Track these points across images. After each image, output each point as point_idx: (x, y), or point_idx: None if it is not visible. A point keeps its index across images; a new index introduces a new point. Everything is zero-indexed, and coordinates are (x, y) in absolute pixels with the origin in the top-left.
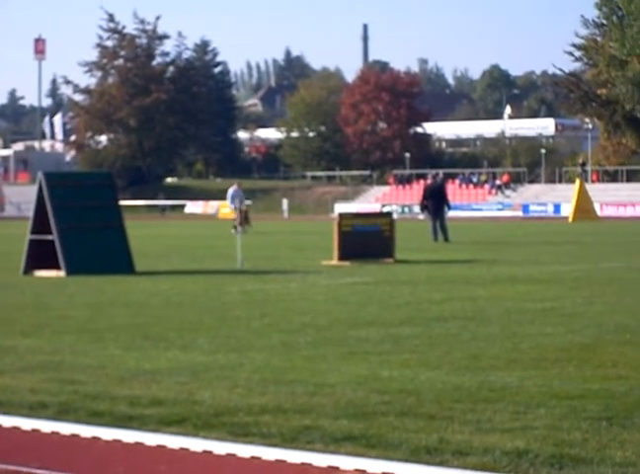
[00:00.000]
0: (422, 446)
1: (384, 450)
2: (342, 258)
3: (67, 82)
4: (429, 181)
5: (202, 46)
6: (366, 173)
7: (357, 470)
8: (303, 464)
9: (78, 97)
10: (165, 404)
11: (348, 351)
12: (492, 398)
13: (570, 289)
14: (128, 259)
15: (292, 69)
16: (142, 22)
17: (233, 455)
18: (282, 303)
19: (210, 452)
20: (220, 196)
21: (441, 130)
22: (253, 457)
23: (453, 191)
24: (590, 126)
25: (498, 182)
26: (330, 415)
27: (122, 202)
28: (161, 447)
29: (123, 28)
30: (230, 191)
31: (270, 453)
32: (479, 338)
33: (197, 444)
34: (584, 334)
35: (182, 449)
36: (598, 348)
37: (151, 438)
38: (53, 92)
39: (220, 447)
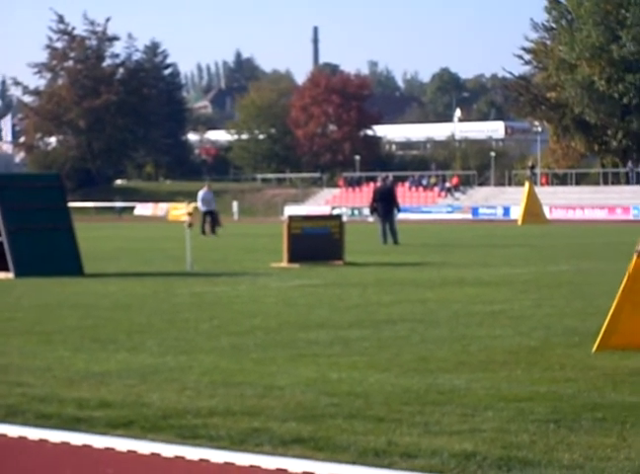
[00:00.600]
0: (370, 449)
1: (332, 453)
2: (291, 260)
3: (16, 83)
4: (378, 183)
5: (153, 48)
6: (316, 175)
7: (305, 472)
8: (252, 467)
9: (27, 98)
10: (113, 406)
11: (297, 353)
12: (440, 400)
13: (519, 292)
14: (77, 261)
15: (243, 71)
16: (92, 23)
17: (181, 458)
18: (232, 305)
19: (158, 455)
20: (170, 198)
21: (392, 133)
22: (201, 460)
23: (403, 193)
24: (539, 129)
25: (447, 184)
26: (279, 417)
27: (72, 204)
28: (109, 450)
29: (73, 29)
30: (200, 193)
31: (218, 456)
32: (428, 340)
33: (144, 447)
34: (532, 336)
35: (130, 452)
36: (546, 350)
37: (99, 441)
38: (2, 93)
39: (168, 450)
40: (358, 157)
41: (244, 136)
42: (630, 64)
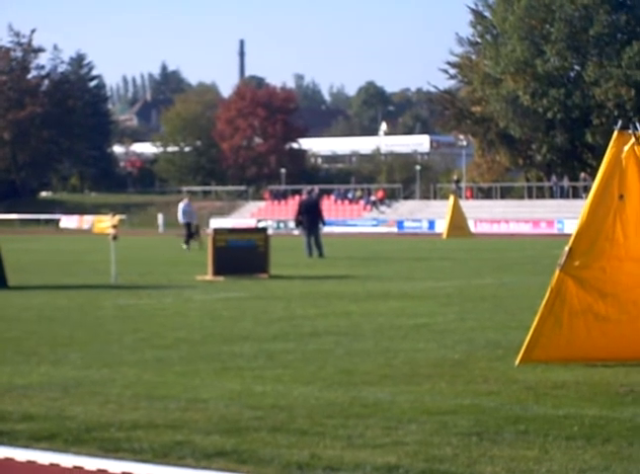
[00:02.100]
0: (293, 462)
1: (256, 466)
2: (216, 273)
3: None
4: (304, 196)
5: (78, 60)
6: (242, 188)
7: None
8: None
9: None
10: (36, 419)
11: (221, 366)
12: (364, 414)
13: (443, 305)
14: (1, 273)
15: (168, 84)
16: (17, 35)
17: (104, 471)
18: (156, 318)
19: (81, 468)
20: (95, 210)
21: (317, 146)
22: (124, 473)
23: (329, 206)
24: (464, 143)
25: (373, 198)
26: (202, 430)
27: None
28: (31, 463)
29: None
30: (181, 205)
31: (141, 469)
32: (352, 353)
33: (67, 460)
34: (456, 350)
35: (52, 465)
36: (469, 363)
37: (21, 454)
38: None
39: (91, 463)
40: (283, 170)
41: (170, 149)
42: (554, 79)
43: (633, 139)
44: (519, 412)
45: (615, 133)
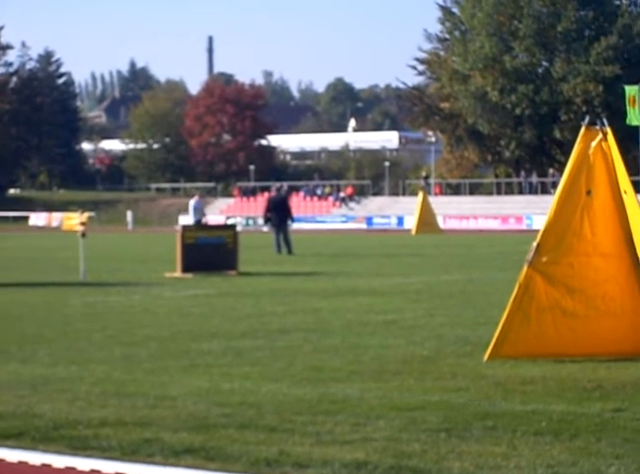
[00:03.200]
0: (262, 459)
1: (224, 463)
2: (185, 270)
3: None
4: (272, 193)
5: (46, 57)
6: (211, 185)
7: None
8: None
9: None
10: (4, 417)
11: (189, 363)
12: (332, 410)
13: (411, 302)
14: None
15: (137, 81)
16: None
17: (72, 469)
18: (125, 316)
19: (49, 466)
20: (64, 207)
21: (286, 143)
22: (92, 471)
23: (298, 203)
24: (433, 140)
25: (342, 194)
26: (170, 427)
27: None
28: None
29: None
30: (192, 202)
31: (109, 466)
32: (321, 350)
33: (35, 458)
34: (424, 346)
35: (20, 463)
36: (438, 360)
37: None
38: None
39: (59, 461)
40: (252, 167)
41: (138, 146)
42: (523, 75)
43: (601, 135)
44: (487, 408)
45: (583, 129)
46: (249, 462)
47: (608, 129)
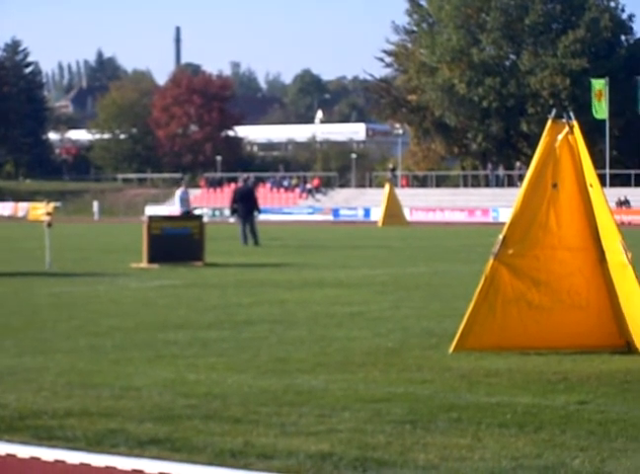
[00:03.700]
0: (226, 450)
1: (189, 454)
2: (151, 260)
3: None
4: (239, 184)
5: (13, 46)
6: (178, 176)
7: (161, 473)
8: (107, 468)
9: None
10: None
11: (155, 354)
12: (297, 401)
13: (377, 294)
14: None
15: (104, 71)
16: None
17: (37, 459)
18: (91, 306)
19: (14, 456)
20: (30, 197)
21: (253, 134)
22: (57, 461)
23: (264, 194)
24: (400, 132)
25: (308, 186)
26: (135, 418)
27: None
28: None
29: None
30: (178, 192)
31: (74, 457)
32: (286, 341)
33: (0, 448)
34: (390, 338)
35: None
36: (403, 351)
37: None
38: None
39: (24, 451)
40: (219, 158)
41: (105, 136)
42: (490, 68)
43: (567, 128)
44: (452, 400)
45: (549, 122)
46: (214, 453)
47: (575, 122)
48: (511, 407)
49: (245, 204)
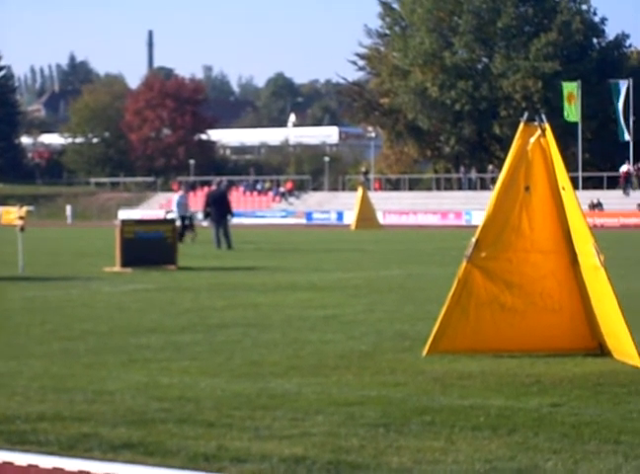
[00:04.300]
0: (200, 453)
1: (163, 457)
2: (124, 264)
3: None
4: (213, 187)
5: None
6: (150, 179)
7: None
8: (81, 472)
9: None
10: None
11: (128, 358)
12: (271, 405)
13: (351, 297)
14: None
15: (77, 74)
16: None
17: (10, 463)
18: (64, 310)
19: None
20: (2, 201)
21: (226, 137)
22: (30, 465)
23: (237, 198)
24: (373, 135)
25: (282, 189)
26: (109, 422)
27: None
28: None
29: None
30: (176, 197)
31: (47, 461)
32: (260, 345)
33: None
34: (363, 341)
35: None
36: (377, 355)
37: None
38: None
39: None
40: (192, 161)
41: (78, 140)
42: (462, 71)
43: (539, 131)
44: (425, 403)
45: (521, 125)
46: (187, 457)
47: (547, 125)
48: (484, 410)
49: (218, 208)
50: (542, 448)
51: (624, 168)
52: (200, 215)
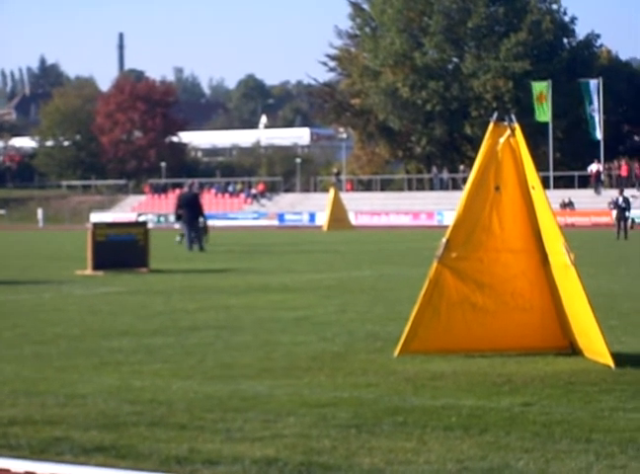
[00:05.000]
0: (172, 456)
1: (134, 461)
2: (96, 268)
3: None
4: (185, 189)
5: None
6: (122, 182)
7: None
8: None
9: None
10: None
11: (100, 361)
12: (243, 407)
13: (323, 298)
14: None
15: (47, 77)
16: None
17: None
18: (35, 314)
19: None
20: None
21: (197, 140)
22: (1, 469)
23: (209, 200)
24: (344, 136)
25: (253, 191)
26: (81, 426)
27: None
28: None
29: None
30: None
31: (19, 465)
32: (232, 347)
33: None
34: (335, 342)
35: None
36: (349, 356)
37: None
38: None
39: None
40: (163, 164)
41: (49, 143)
42: (433, 71)
43: (509, 131)
44: (397, 403)
45: (491, 125)
46: (159, 460)
47: (516, 125)
48: (456, 410)
49: (190, 210)
50: (514, 448)
51: (593, 167)
52: (171, 218)
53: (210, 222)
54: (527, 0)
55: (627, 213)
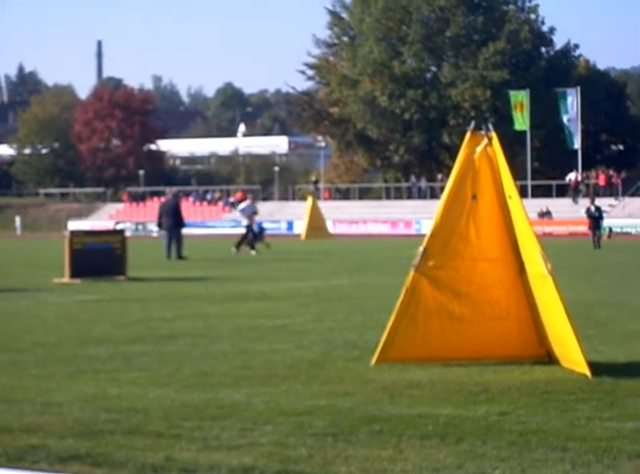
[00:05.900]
0: (148, 464)
1: (111, 469)
2: (73, 275)
3: None
4: (168, 197)
5: None
6: (100, 190)
7: None
8: None
9: None
10: None
11: (76, 369)
12: (220, 415)
13: (301, 306)
14: None
15: (26, 85)
16: None
17: None
18: (12, 322)
19: None
20: None
21: (176, 148)
22: None
23: (187, 208)
24: (322, 144)
25: (231, 199)
26: (57, 434)
27: None
28: None
29: None
30: (242, 205)
31: None
32: (209, 355)
33: None
34: (313, 350)
35: None
36: (326, 364)
37: None
38: None
39: None
40: (142, 172)
41: (27, 151)
42: (411, 80)
43: (486, 140)
44: (374, 412)
45: (468, 134)
46: (135, 468)
47: (494, 134)
48: (432, 418)
49: (170, 218)
50: (490, 456)
51: (572, 176)
52: (149, 226)
53: (189, 230)
54: (506, 10)
55: (601, 222)
